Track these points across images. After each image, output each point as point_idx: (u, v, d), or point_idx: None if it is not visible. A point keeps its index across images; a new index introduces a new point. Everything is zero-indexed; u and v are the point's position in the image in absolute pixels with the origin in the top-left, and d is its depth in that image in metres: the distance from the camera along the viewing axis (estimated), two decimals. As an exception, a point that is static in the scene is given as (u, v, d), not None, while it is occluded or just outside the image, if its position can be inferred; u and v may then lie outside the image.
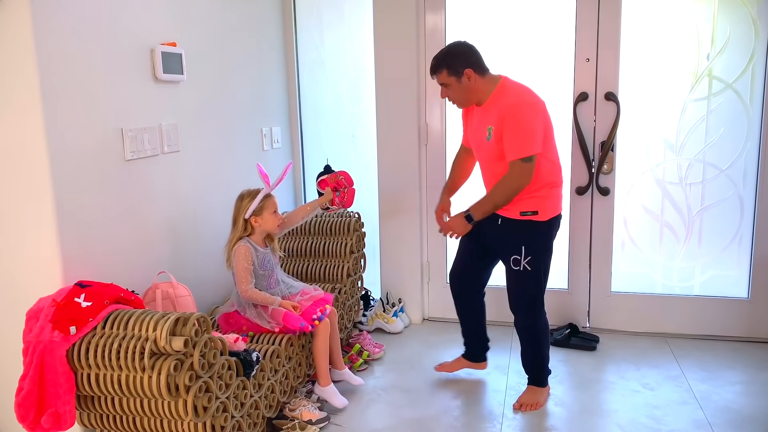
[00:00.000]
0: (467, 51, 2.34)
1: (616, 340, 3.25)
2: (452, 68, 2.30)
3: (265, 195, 2.48)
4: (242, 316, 2.47)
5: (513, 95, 2.28)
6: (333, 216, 3.30)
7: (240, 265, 2.44)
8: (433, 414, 2.53)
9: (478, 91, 2.34)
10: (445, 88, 2.38)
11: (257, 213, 2.47)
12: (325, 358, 2.56)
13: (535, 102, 2.30)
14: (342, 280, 3.10)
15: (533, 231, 2.37)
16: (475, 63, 2.32)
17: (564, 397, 2.64)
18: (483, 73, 2.33)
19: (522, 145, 2.23)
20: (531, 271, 2.41)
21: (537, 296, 2.49)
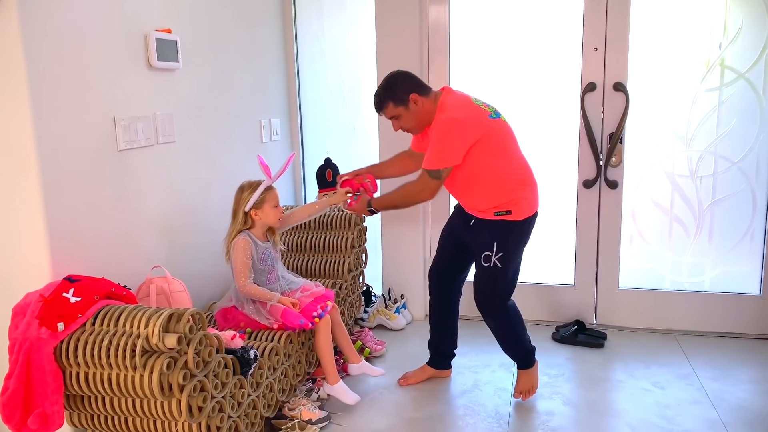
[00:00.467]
0: (405, 77, 2.31)
1: (624, 337, 3.17)
2: (396, 98, 2.27)
3: (267, 187, 2.40)
4: (240, 312, 2.39)
5: (445, 110, 2.25)
6: (334, 210, 3.21)
7: (239, 260, 2.36)
8: (437, 413, 2.45)
9: (427, 113, 2.30)
10: (396, 121, 2.34)
11: (257, 206, 2.39)
12: (330, 355, 2.48)
13: (464, 118, 2.22)
14: (343, 275, 3.02)
15: (506, 229, 2.32)
16: (417, 85, 2.29)
17: (572, 396, 2.56)
18: (427, 94, 2.30)
19: (434, 156, 2.23)
20: (501, 268, 2.32)
21: (505, 295, 2.41)
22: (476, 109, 2.27)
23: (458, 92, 2.34)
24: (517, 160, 2.33)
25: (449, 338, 2.72)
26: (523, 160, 2.36)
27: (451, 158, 2.22)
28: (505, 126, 2.31)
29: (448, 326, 2.71)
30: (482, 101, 2.34)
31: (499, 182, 2.27)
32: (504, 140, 2.29)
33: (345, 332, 2.68)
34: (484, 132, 2.22)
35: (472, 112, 2.24)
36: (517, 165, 2.32)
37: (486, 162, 2.24)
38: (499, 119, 2.29)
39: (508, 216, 2.29)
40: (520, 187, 2.30)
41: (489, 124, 2.24)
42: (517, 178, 2.30)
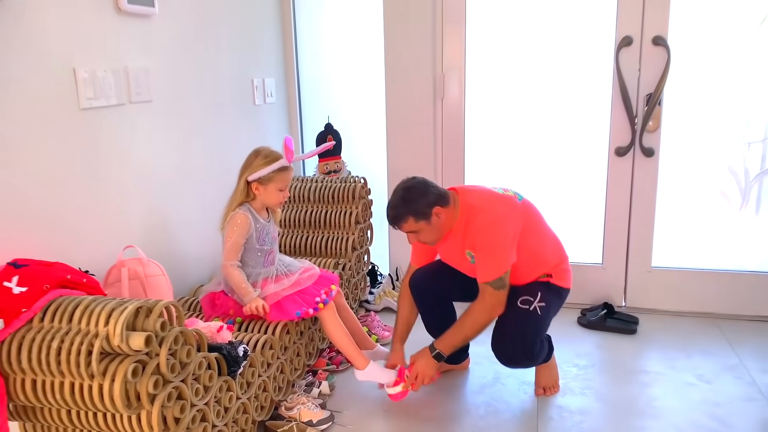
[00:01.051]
0: (423, 188, 2.02)
1: (657, 321, 2.86)
2: (418, 213, 1.99)
3: (282, 167, 2.07)
4: (230, 298, 2.08)
5: (479, 212, 2.03)
6: (335, 181, 2.88)
7: (232, 237, 2.04)
8: (454, 412, 2.15)
9: (448, 223, 2.06)
10: (414, 234, 2.06)
11: (263, 181, 2.06)
12: (349, 339, 2.18)
13: (504, 213, 2.03)
14: (346, 254, 2.70)
15: (548, 286, 2.13)
16: (438, 196, 2.02)
17: (606, 392, 2.26)
18: (448, 204, 2.04)
19: (493, 264, 2.00)
20: (540, 315, 2.05)
21: (542, 343, 2.14)
22: (505, 198, 2.08)
23: (474, 188, 2.12)
24: (552, 237, 2.18)
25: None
26: (557, 237, 2.20)
27: (509, 258, 2.01)
28: (532, 206, 2.14)
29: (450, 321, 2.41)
30: (500, 188, 2.13)
31: (539, 260, 2.12)
32: (537, 220, 2.13)
33: (354, 317, 2.36)
34: (522, 219, 2.05)
35: (506, 203, 2.06)
36: (553, 242, 2.17)
37: (525, 245, 2.05)
38: (524, 200, 2.12)
39: (549, 278, 2.13)
40: (558, 261, 2.15)
41: (521, 208, 2.08)
42: (555, 254, 2.15)
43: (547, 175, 3.06)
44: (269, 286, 2.09)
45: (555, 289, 2.12)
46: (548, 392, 2.24)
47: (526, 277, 2.12)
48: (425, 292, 2.27)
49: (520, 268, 2.07)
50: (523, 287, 2.11)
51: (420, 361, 2.11)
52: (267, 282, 2.11)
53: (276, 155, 2.06)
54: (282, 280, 2.15)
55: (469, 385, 2.35)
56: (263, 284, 2.10)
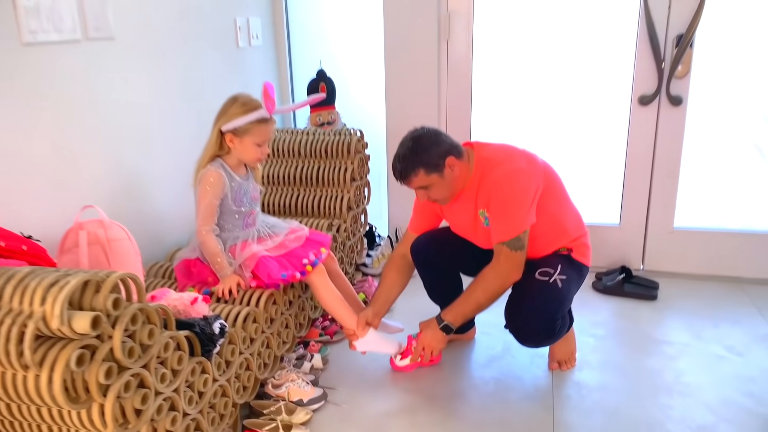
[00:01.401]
0: (435, 137, 1.79)
1: (678, 286, 2.64)
2: (430, 165, 1.76)
3: (261, 119, 1.79)
4: (206, 265, 1.84)
5: (497, 165, 1.79)
6: (328, 134, 2.60)
7: (204, 198, 1.80)
8: (461, 389, 1.94)
9: (462, 178, 1.83)
10: (425, 191, 1.83)
11: (239, 133, 1.80)
12: (343, 305, 1.97)
13: (526, 166, 1.79)
14: (341, 214, 2.45)
15: (569, 260, 1.90)
16: (451, 146, 1.79)
17: (627, 365, 2.05)
18: (462, 156, 1.81)
19: (510, 221, 1.76)
20: (561, 288, 1.81)
21: (564, 319, 1.89)
22: (526, 153, 1.84)
23: (491, 143, 1.89)
24: (573, 207, 1.95)
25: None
26: (577, 210, 1.97)
27: (528, 216, 1.77)
28: (554, 171, 1.91)
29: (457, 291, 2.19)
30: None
31: (560, 230, 1.89)
32: (559, 186, 1.90)
33: (348, 284, 2.14)
34: (544, 179, 1.82)
35: (527, 158, 1.82)
36: (574, 213, 1.94)
37: (546, 209, 1.83)
38: (544, 161, 1.89)
39: (570, 252, 1.90)
40: (579, 234, 1.92)
41: (543, 168, 1.85)
42: (576, 226, 1.92)
43: (562, 128, 2.79)
44: (250, 247, 1.85)
45: (576, 265, 1.88)
46: (564, 366, 2.03)
47: (544, 249, 1.89)
48: (429, 260, 2.04)
49: (539, 237, 1.83)
50: (541, 260, 1.87)
51: (426, 332, 1.91)
52: (247, 244, 1.87)
53: (255, 104, 1.79)
54: (265, 242, 1.91)
55: (475, 358, 2.14)
56: (242, 246, 1.86)
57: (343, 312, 1.95)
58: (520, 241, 1.75)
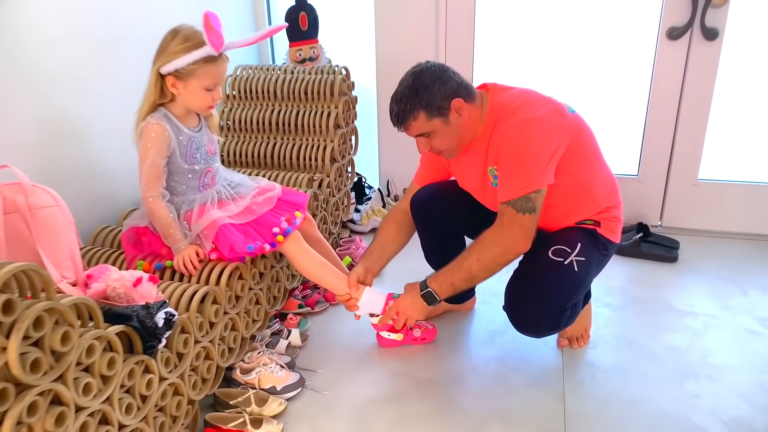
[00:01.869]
0: (441, 72, 1.47)
1: (701, 244, 2.38)
2: (432, 107, 1.46)
3: (208, 57, 1.46)
4: (157, 235, 1.55)
5: (515, 112, 1.47)
6: (310, 72, 2.27)
7: (146, 159, 1.49)
8: (457, 372, 1.70)
9: (472, 125, 1.53)
10: (426, 139, 1.52)
11: (182, 76, 1.47)
12: (327, 269, 1.70)
13: (548, 117, 1.46)
14: (323, 167, 2.15)
15: (593, 236, 1.59)
16: (459, 85, 1.48)
17: (648, 343, 1.80)
18: (473, 98, 1.51)
19: (521, 176, 1.45)
20: (577, 273, 1.52)
21: (575, 307, 1.59)
22: (552, 102, 1.51)
23: (510, 87, 1.56)
24: (606, 171, 1.63)
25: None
26: (612, 174, 1.65)
27: (545, 173, 1.45)
28: (586, 125, 1.58)
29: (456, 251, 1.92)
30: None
31: (586, 196, 1.58)
32: (590, 143, 1.58)
33: (329, 249, 1.86)
34: (571, 133, 1.49)
35: (552, 107, 1.49)
36: (606, 177, 1.63)
37: (570, 171, 1.51)
38: (577, 114, 1.56)
39: (596, 227, 1.60)
40: (611, 204, 1.63)
41: (572, 121, 1.51)
42: (608, 193, 1.62)
43: (577, 66, 2.45)
44: (209, 214, 1.56)
45: (601, 242, 1.59)
46: (575, 344, 1.79)
47: (564, 219, 1.60)
48: (429, 216, 1.76)
49: (559, 204, 1.53)
50: (558, 233, 1.58)
51: (405, 297, 1.63)
52: (205, 209, 1.58)
53: (201, 38, 1.45)
54: (228, 206, 1.61)
55: (474, 333, 1.89)
56: (200, 212, 1.57)
57: (330, 276, 1.69)
58: (530, 202, 1.45)
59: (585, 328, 1.80)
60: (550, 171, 1.45)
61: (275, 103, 2.26)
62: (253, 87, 2.26)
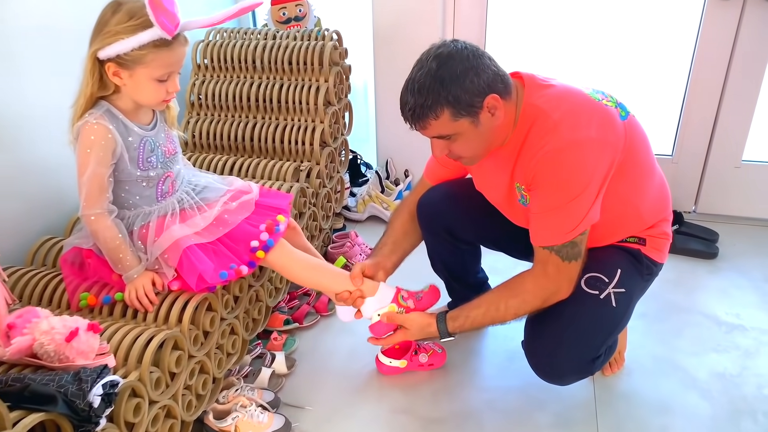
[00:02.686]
0: (476, 60, 1.13)
1: (742, 235, 2.11)
2: (461, 104, 1.13)
3: (159, 41, 1.12)
4: (104, 260, 1.24)
5: (557, 128, 1.14)
6: (294, 37, 1.92)
7: (87, 168, 1.18)
8: (470, 409, 1.44)
9: (504, 128, 1.21)
10: (446, 141, 1.20)
11: (125, 63, 1.14)
12: (321, 269, 1.43)
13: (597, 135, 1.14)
14: (311, 153, 1.83)
15: (638, 258, 1.31)
16: (497, 77, 1.15)
17: (689, 365, 1.54)
18: (509, 93, 1.18)
19: (564, 218, 1.17)
20: (616, 310, 1.25)
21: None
22: (601, 111, 1.18)
23: (550, 80, 1.22)
24: (658, 180, 1.32)
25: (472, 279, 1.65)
26: (663, 180, 1.35)
27: (592, 212, 1.17)
28: (638, 128, 1.26)
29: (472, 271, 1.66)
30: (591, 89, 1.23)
31: (632, 215, 1.29)
32: (641, 153, 1.25)
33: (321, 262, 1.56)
34: (622, 150, 1.18)
35: (602, 120, 1.16)
36: (657, 189, 1.31)
37: (617, 192, 1.22)
38: (630, 117, 1.23)
39: (640, 246, 1.31)
40: (659, 218, 1.33)
41: (623, 133, 1.19)
42: (658, 206, 1.32)
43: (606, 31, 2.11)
44: (170, 230, 1.26)
45: (645, 264, 1.30)
46: (608, 370, 1.53)
47: (601, 239, 1.31)
48: (438, 224, 1.48)
49: (599, 226, 1.23)
50: (594, 254, 1.29)
51: (417, 319, 1.38)
52: (165, 223, 1.27)
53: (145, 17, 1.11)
54: (192, 219, 1.31)
55: (489, 354, 1.63)
56: (158, 228, 1.26)
57: (328, 277, 1.42)
58: (576, 247, 1.18)
59: (619, 350, 1.54)
60: (597, 207, 1.17)
61: (254, 75, 1.92)
62: (227, 55, 1.91)
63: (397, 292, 1.42)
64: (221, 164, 1.79)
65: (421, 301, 1.42)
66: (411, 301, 1.41)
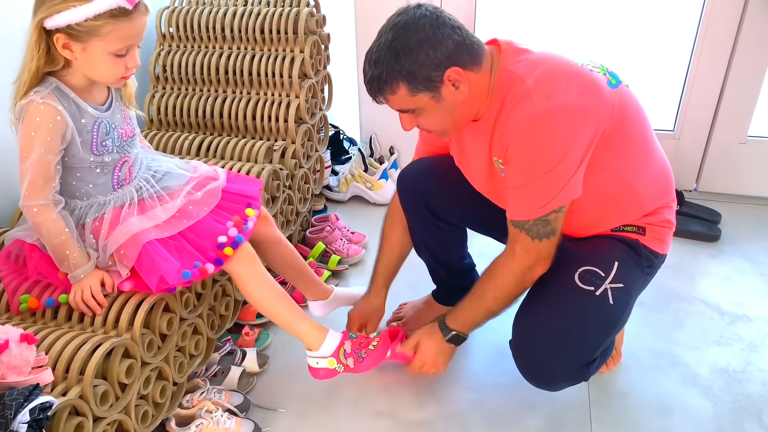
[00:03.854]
0: (434, 30, 1.02)
1: (746, 215, 2.00)
2: (416, 78, 1.03)
3: (117, 9, 0.98)
4: (49, 256, 1.11)
5: (530, 94, 1.02)
6: (266, 4, 1.76)
7: (31, 153, 1.04)
8: (455, 410, 1.35)
9: (474, 100, 1.09)
10: (411, 115, 1.11)
11: (77, 35, 1.00)
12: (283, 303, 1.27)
13: (576, 102, 1.02)
14: (286, 131, 1.69)
15: (636, 249, 1.18)
16: (459, 46, 1.03)
17: (692, 361, 1.45)
18: (479, 62, 1.06)
19: (538, 191, 1.06)
20: (613, 308, 1.12)
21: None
22: (584, 78, 1.06)
23: (529, 48, 1.10)
24: (655, 156, 1.18)
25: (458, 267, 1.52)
26: (665, 161, 1.23)
27: (572, 185, 1.06)
28: (632, 99, 1.13)
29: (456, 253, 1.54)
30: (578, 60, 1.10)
31: (628, 198, 1.16)
32: (637, 125, 1.13)
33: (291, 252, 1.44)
34: (609, 120, 1.06)
35: (584, 85, 1.04)
36: (656, 165, 1.19)
37: (608, 168, 1.11)
38: (621, 87, 1.11)
39: (639, 236, 1.18)
40: (661, 204, 1.21)
41: (612, 101, 1.07)
42: (658, 189, 1.20)
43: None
44: (127, 223, 1.13)
45: (645, 256, 1.18)
46: (603, 367, 1.42)
47: (594, 225, 1.20)
48: (419, 202, 1.37)
49: (588, 209, 1.14)
50: (588, 244, 1.18)
51: (429, 344, 1.29)
52: (121, 215, 1.14)
53: None
54: (153, 210, 1.17)
55: (476, 348, 1.52)
56: (113, 220, 1.13)
57: (289, 314, 1.27)
58: (548, 225, 1.08)
59: (616, 345, 1.43)
60: (577, 181, 1.05)
61: (223, 45, 1.76)
62: (194, 23, 1.75)
63: (340, 346, 1.28)
64: (187, 143, 1.65)
65: (363, 361, 1.29)
66: (351, 360, 1.28)
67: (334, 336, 1.29)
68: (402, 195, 1.39)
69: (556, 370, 1.16)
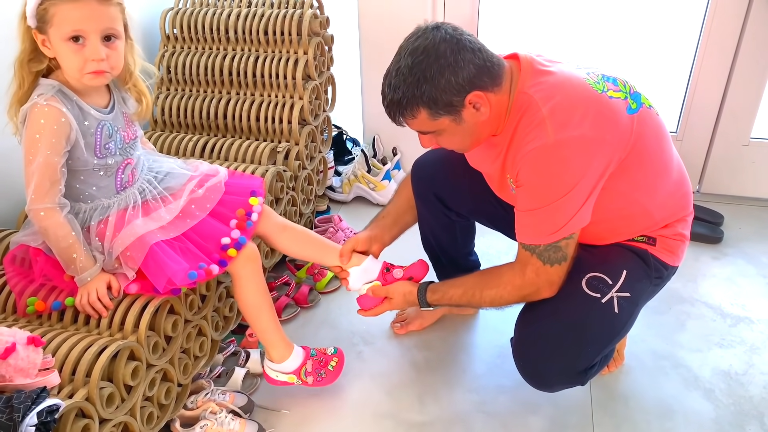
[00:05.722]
0: (455, 55, 1.01)
1: (748, 217, 2.00)
2: (438, 104, 1.03)
3: None
4: (55, 260, 1.12)
5: (546, 124, 1.02)
6: (270, 5, 1.76)
7: (36, 156, 1.05)
8: (461, 411, 1.35)
9: (493, 120, 1.09)
10: (431, 135, 1.12)
11: (42, 27, 1.02)
12: (268, 318, 1.29)
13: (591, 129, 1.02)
14: (289, 132, 1.69)
15: (645, 259, 1.18)
16: (479, 70, 1.02)
17: (694, 364, 1.45)
18: (498, 83, 1.06)
19: (544, 222, 1.07)
20: (619, 316, 1.13)
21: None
22: (601, 103, 1.05)
23: (549, 65, 1.09)
24: (671, 176, 1.16)
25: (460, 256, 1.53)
26: (684, 174, 1.21)
27: (582, 214, 1.06)
28: (655, 122, 1.12)
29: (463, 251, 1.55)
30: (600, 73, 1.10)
31: (640, 215, 1.16)
32: (654, 151, 1.12)
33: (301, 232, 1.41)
34: (627, 146, 1.06)
35: (599, 115, 1.04)
36: (671, 185, 1.17)
37: (621, 192, 1.11)
38: (642, 110, 1.09)
39: (649, 246, 1.17)
40: (674, 218, 1.19)
41: (630, 129, 1.06)
42: (670, 206, 1.18)
43: None
44: (132, 225, 1.14)
45: (654, 267, 1.18)
46: (605, 369, 1.43)
47: (605, 237, 1.20)
48: (430, 185, 1.39)
49: (600, 223, 1.13)
50: (597, 252, 1.18)
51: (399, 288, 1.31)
52: (125, 217, 1.15)
53: None
54: (157, 211, 1.18)
55: (479, 350, 1.54)
56: (118, 223, 1.14)
57: (267, 323, 1.29)
58: (559, 251, 1.08)
59: (618, 348, 1.44)
60: (587, 210, 1.06)
61: (227, 47, 1.76)
62: (198, 24, 1.75)
63: (302, 365, 1.32)
64: (191, 144, 1.66)
65: (323, 380, 1.33)
66: (311, 378, 1.32)
67: (298, 354, 1.33)
68: (415, 183, 1.41)
69: (554, 374, 1.17)
